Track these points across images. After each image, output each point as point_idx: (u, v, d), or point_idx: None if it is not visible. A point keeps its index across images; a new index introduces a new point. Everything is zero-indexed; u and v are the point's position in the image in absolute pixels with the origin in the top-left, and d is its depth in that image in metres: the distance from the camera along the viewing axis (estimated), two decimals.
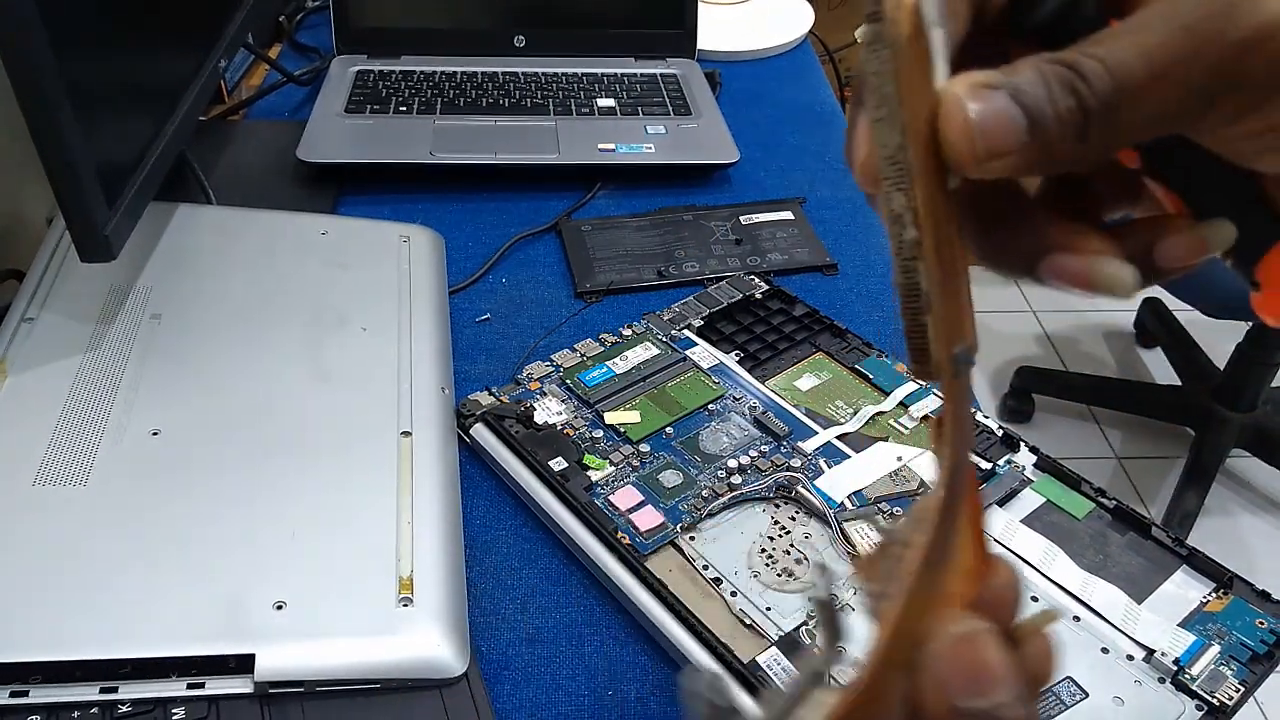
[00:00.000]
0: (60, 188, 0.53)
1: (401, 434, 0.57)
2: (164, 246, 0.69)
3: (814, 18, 1.16)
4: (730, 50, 1.08)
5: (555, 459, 0.56)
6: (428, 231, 0.75)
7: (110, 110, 0.59)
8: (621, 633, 0.52)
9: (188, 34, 0.73)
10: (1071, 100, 0.21)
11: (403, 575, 0.49)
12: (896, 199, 0.21)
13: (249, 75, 1.03)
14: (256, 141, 0.90)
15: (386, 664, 0.46)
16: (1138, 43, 0.21)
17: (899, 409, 0.62)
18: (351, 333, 0.63)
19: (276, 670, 0.44)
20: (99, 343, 0.60)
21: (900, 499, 0.55)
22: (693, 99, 0.95)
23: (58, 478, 0.51)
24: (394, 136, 0.86)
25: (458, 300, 0.73)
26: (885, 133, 0.21)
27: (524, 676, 0.50)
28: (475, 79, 0.95)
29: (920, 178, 0.21)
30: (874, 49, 0.21)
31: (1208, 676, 0.47)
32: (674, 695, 0.49)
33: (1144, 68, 0.21)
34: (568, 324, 0.71)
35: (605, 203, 0.85)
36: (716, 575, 0.51)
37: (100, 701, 0.44)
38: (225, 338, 0.62)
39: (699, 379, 0.63)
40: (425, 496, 0.53)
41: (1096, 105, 0.21)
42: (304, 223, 0.73)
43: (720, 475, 0.56)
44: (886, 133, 0.21)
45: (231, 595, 0.47)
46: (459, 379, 0.66)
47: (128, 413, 0.55)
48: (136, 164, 0.62)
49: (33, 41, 0.49)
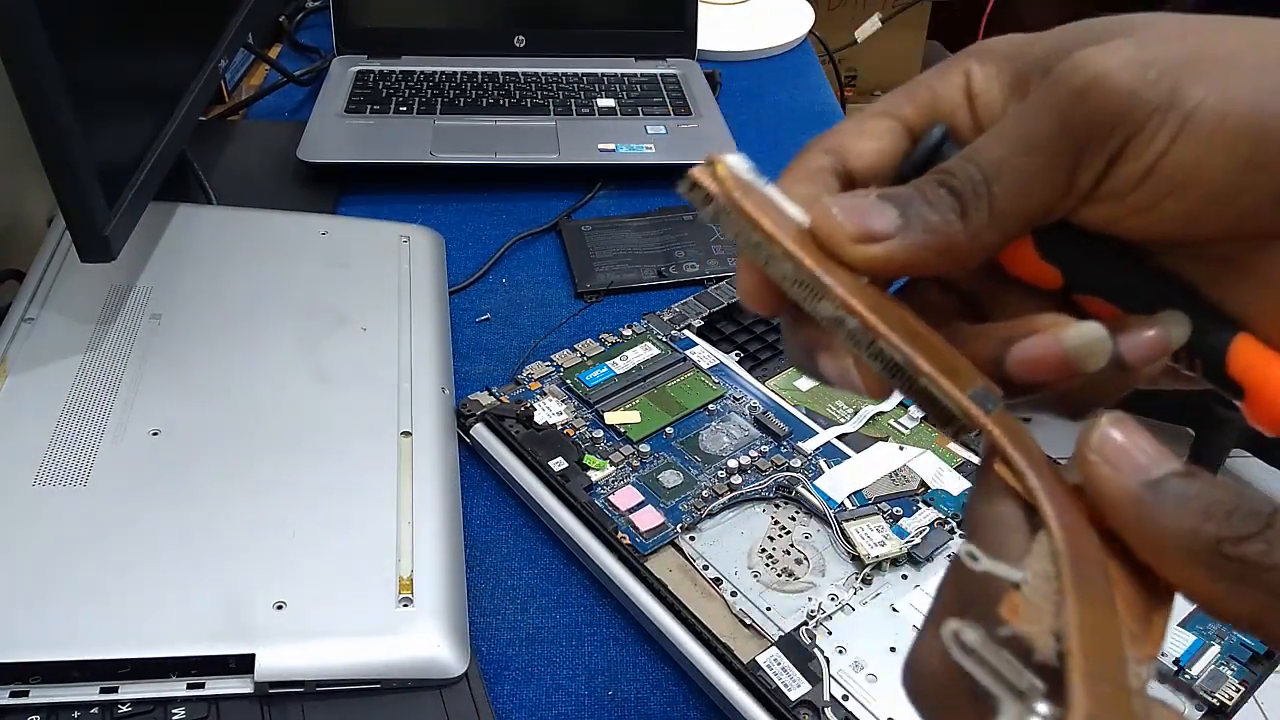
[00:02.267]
0: (60, 188, 0.53)
1: (401, 434, 0.57)
2: (164, 246, 0.69)
3: (814, 18, 1.16)
4: (730, 50, 1.08)
5: (555, 459, 0.56)
6: (428, 231, 0.75)
7: (110, 110, 0.59)
8: (621, 633, 0.52)
9: (188, 34, 0.73)
10: (940, 189, 0.23)
11: (403, 575, 0.49)
12: (824, 308, 0.22)
13: (249, 75, 1.03)
14: (256, 141, 0.90)
15: (386, 664, 0.46)
16: (993, 131, 0.23)
17: (899, 409, 0.62)
18: (351, 333, 0.63)
19: (276, 670, 0.44)
20: (99, 343, 0.60)
21: (900, 499, 0.55)
22: (693, 99, 0.95)
23: (58, 478, 0.51)
24: (394, 136, 0.86)
25: (458, 300, 0.73)
26: (777, 268, 0.23)
27: (524, 676, 0.50)
28: (475, 79, 0.95)
29: (825, 274, 0.22)
30: (719, 218, 0.23)
31: (1208, 676, 0.47)
32: (674, 695, 0.49)
33: (1000, 145, 0.23)
34: (568, 324, 0.71)
35: (605, 203, 0.85)
36: (716, 575, 0.51)
37: (100, 701, 0.44)
38: (225, 338, 0.62)
39: (699, 379, 0.63)
40: (425, 496, 0.53)
41: (965, 186, 0.23)
42: (304, 223, 0.73)
43: (720, 475, 0.56)
44: (778, 268, 0.23)
45: (231, 595, 0.47)
46: (459, 379, 0.66)
47: (128, 413, 0.55)
48: (136, 164, 0.62)
49: (33, 41, 0.49)
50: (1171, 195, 0.22)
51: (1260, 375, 0.23)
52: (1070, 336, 0.22)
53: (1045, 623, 0.18)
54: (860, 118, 0.26)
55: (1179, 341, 0.23)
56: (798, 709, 0.45)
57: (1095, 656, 0.17)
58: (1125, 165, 0.22)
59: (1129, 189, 0.22)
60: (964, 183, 0.23)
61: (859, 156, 0.25)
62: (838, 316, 0.22)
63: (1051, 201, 0.23)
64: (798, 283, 0.23)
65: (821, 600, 0.50)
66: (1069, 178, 0.22)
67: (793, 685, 0.46)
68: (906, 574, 0.52)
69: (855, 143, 0.25)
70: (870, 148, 0.25)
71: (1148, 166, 0.21)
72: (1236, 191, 0.21)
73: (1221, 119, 0.20)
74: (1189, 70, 0.21)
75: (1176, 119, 0.21)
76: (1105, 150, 0.22)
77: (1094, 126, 0.21)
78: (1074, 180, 0.22)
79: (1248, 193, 0.21)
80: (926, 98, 0.25)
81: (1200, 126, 0.21)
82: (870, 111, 0.26)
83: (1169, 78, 0.21)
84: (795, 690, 0.46)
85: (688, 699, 0.49)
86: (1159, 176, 0.21)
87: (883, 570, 0.52)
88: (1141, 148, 0.21)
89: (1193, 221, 0.22)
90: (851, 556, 0.52)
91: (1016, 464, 0.20)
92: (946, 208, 0.23)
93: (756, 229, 0.23)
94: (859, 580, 0.51)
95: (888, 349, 0.22)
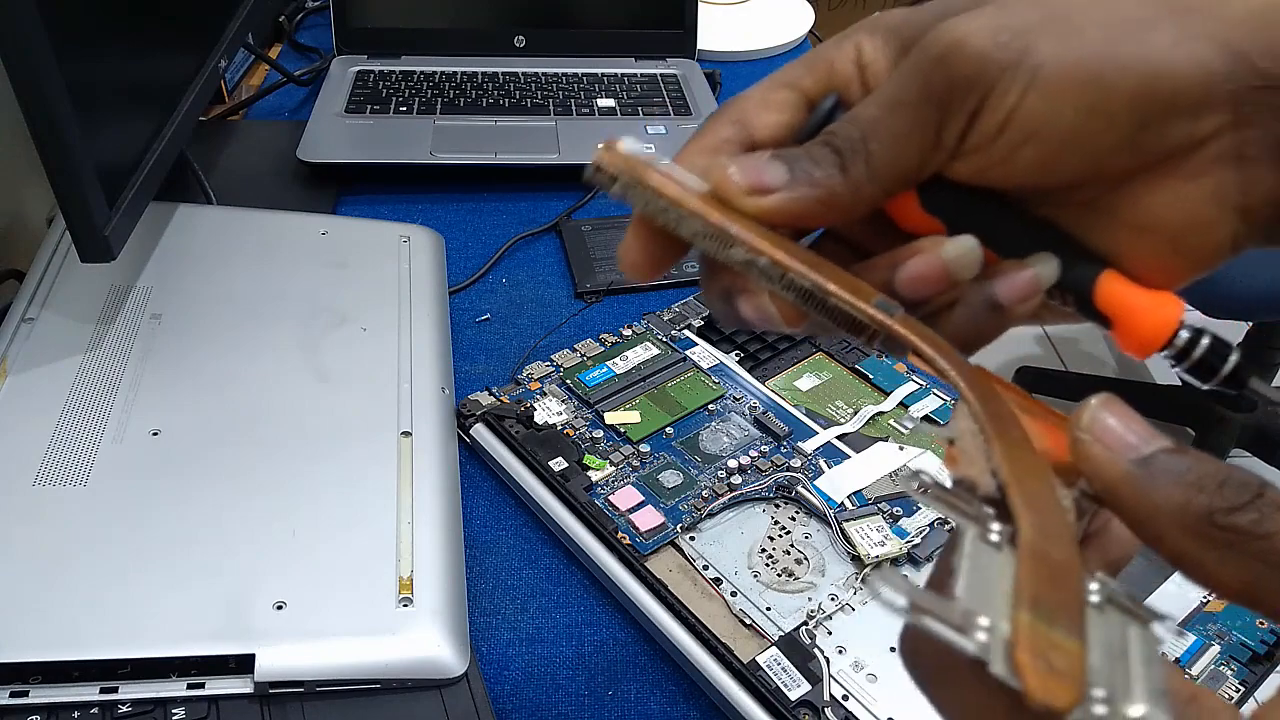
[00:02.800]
0: (60, 188, 0.53)
1: (401, 434, 0.57)
2: (164, 246, 0.69)
3: (814, 18, 1.16)
4: (730, 50, 1.08)
5: (555, 459, 0.56)
6: (428, 231, 0.75)
7: (110, 110, 0.59)
8: (621, 633, 0.52)
9: (188, 34, 0.73)
10: (823, 148, 0.25)
11: (403, 575, 0.49)
12: (736, 253, 0.25)
13: (249, 75, 1.03)
14: (256, 141, 0.90)
15: (386, 664, 0.46)
16: (872, 95, 0.26)
17: (899, 409, 0.62)
18: (351, 333, 0.63)
19: (276, 670, 0.44)
20: (99, 343, 0.60)
21: (900, 499, 0.55)
22: (693, 99, 0.95)
23: (58, 478, 0.51)
24: (394, 136, 0.86)
25: (458, 300, 0.73)
26: (688, 227, 0.26)
27: (524, 676, 0.50)
28: (475, 79, 0.95)
29: (732, 225, 0.25)
30: (628, 193, 0.26)
31: (1208, 677, 0.47)
32: (674, 695, 0.49)
33: (875, 107, 0.25)
34: (568, 324, 0.71)
35: (605, 203, 0.85)
36: (716, 575, 0.51)
37: (100, 701, 0.44)
38: (225, 338, 0.62)
39: (699, 379, 0.63)
40: (425, 496, 0.53)
41: (845, 144, 0.25)
42: (304, 223, 0.73)
43: (720, 475, 0.56)
44: (689, 226, 0.26)
45: (231, 595, 0.47)
46: (459, 379, 0.66)
47: (128, 413, 0.55)
48: (136, 164, 0.62)
49: (33, 41, 0.49)
50: (1027, 144, 0.24)
51: (1123, 306, 0.25)
52: (948, 249, 0.25)
53: (980, 464, 0.21)
54: (764, 88, 0.28)
55: (1049, 281, 0.25)
56: (798, 709, 0.45)
57: (1027, 481, 0.20)
58: (983, 120, 0.24)
59: (988, 142, 0.24)
60: (844, 141, 0.25)
61: (764, 127, 0.27)
62: (748, 259, 0.25)
63: (923, 157, 0.25)
64: (708, 236, 0.25)
65: (821, 600, 0.50)
66: (936, 135, 0.24)
67: (793, 685, 0.46)
68: (906, 574, 0.52)
69: (759, 114, 0.27)
70: (772, 119, 0.27)
71: (1002, 120, 0.23)
72: (1084, 138, 0.23)
73: (1067, 73, 0.23)
74: (1038, 31, 0.23)
75: (1025, 75, 0.23)
76: (965, 108, 0.24)
77: (953, 87, 0.24)
78: (940, 137, 0.24)
79: (1094, 138, 0.23)
80: (823, 69, 0.28)
81: (1048, 81, 0.23)
82: (773, 82, 0.28)
83: (1020, 39, 0.23)
84: (795, 690, 0.46)
85: (688, 699, 0.49)
86: (1014, 129, 0.23)
87: (883, 570, 0.52)
88: (996, 103, 0.23)
89: (1049, 168, 0.24)
90: (851, 556, 0.52)
91: (924, 351, 0.24)
92: (829, 164, 0.25)
93: (663, 195, 0.26)
94: (859, 580, 0.51)
95: (798, 278, 0.25)
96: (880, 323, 0.24)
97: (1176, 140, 0.23)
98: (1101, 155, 0.23)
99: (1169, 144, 0.23)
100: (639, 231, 0.27)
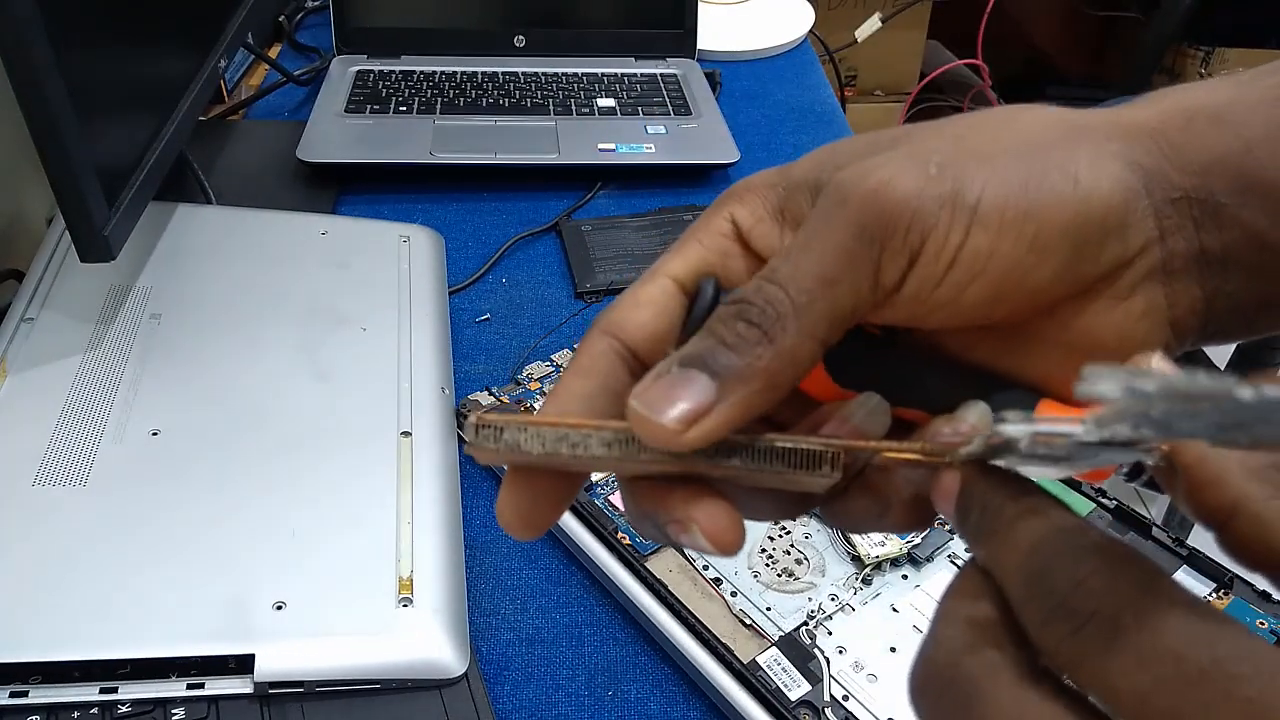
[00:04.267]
0: (60, 188, 0.53)
1: (401, 434, 0.57)
2: (164, 246, 0.69)
3: (814, 18, 1.16)
4: (730, 50, 1.08)
5: None
6: (428, 231, 0.75)
7: (110, 110, 0.59)
8: (621, 633, 0.52)
9: (188, 34, 0.73)
10: (737, 323, 0.22)
11: (403, 575, 0.49)
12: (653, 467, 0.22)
13: (249, 75, 1.03)
14: (256, 141, 0.90)
15: (386, 664, 0.46)
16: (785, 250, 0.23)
17: None
18: (351, 332, 0.63)
19: (276, 670, 0.44)
20: (99, 343, 0.60)
21: None
22: (693, 99, 0.95)
23: (58, 478, 0.51)
24: (394, 136, 0.86)
25: (458, 300, 0.73)
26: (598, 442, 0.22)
27: (524, 676, 0.50)
28: (475, 79, 0.95)
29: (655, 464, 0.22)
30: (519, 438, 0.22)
31: None
32: (674, 695, 0.49)
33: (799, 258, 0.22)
34: (568, 324, 0.71)
35: (605, 203, 0.85)
36: (716, 575, 0.51)
37: (100, 702, 0.44)
38: (225, 338, 0.62)
39: None
40: (425, 496, 0.53)
41: (764, 308, 0.22)
42: (304, 223, 0.73)
43: None
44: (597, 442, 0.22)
45: (231, 595, 0.47)
46: (459, 379, 0.66)
47: (128, 413, 0.55)
48: (136, 164, 0.62)
49: (33, 41, 0.49)
50: (974, 283, 0.22)
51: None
52: (855, 413, 0.24)
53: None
54: (634, 287, 0.25)
55: (986, 429, 0.23)
56: (798, 709, 0.45)
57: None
58: (926, 259, 0.22)
59: (935, 282, 0.22)
60: (762, 305, 0.22)
61: (638, 328, 0.24)
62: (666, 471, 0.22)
63: (857, 301, 0.22)
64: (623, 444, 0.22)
65: (821, 600, 0.50)
66: (872, 278, 0.22)
67: (793, 685, 0.46)
68: (906, 574, 0.52)
69: (631, 315, 0.25)
70: (646, 317, 0.25)
71: (950, 259, 0.22)
72: (1026, 271, 0.22)
73: (1003, 207, 0.22)
74: (961, 165, 0.22)
75: (965, 212, 0.22)
76: (906, 247, 0.22)
77: (890, 226, 0.22)
78: (877, 279, 0.22)
79: (1034, 271, 0.22)
80: (694, 252, 0.25)
81: (988, 216, 0.22)
82: (643, 278, 0.25)
83: (948, 172, 0.22)
84: (795, 690, 0.46)
85: (688, 699, 0.49)
86: (960, 267, 0.22)
87: (883, 570, 0.52)
88: (941, 241, 0.22)
89: (994, 305, 0.23)
90: (851, 556, 0.52)
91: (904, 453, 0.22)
92: (752, 340, 0.22)
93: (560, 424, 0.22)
94: (859, 580, 0.51)
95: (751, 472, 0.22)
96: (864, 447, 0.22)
97: (1109, 263, 0.22)
98: (1041, 287, 0.22)
99: (1102, 268, 0.22)
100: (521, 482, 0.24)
